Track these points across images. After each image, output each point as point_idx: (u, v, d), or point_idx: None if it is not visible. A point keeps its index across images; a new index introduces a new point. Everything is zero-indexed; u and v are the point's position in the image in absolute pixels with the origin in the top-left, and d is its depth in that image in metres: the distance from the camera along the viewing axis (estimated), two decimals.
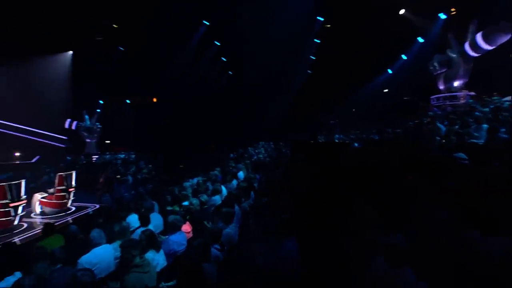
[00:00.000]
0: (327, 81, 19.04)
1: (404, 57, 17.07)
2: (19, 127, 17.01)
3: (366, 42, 15.64)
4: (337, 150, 6.05)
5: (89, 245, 3.87)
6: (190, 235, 4.22)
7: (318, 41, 18.69)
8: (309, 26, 17.91)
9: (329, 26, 18.52)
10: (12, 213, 6.61)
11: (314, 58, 20.11)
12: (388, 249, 2.12)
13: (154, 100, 19.13)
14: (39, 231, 6.64)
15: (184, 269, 2.73)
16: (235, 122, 20.75)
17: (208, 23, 16.98)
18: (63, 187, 8.08)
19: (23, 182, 6.96)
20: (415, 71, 15.02)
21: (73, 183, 8.46)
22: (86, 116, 18.19)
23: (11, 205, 6.55)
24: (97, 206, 8.84)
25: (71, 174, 8.40)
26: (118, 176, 10.37)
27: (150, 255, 3.23)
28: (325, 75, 18.99)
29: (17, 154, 16.18)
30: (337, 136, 17.85)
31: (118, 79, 17.08)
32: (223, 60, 20.04)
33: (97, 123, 18.36)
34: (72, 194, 8.45)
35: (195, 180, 7.41)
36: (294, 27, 15.67)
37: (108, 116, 18.86)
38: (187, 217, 4.66)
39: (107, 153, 17.67)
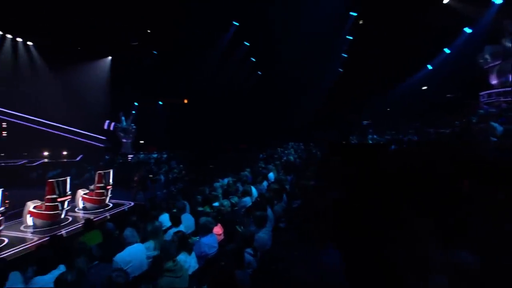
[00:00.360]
0: (359, 79, 18.20)
1: (447, 50, 15.73)
2: (67, 128, 18.41)
3: (402, 37, 14.65)
4: (375, 151, 5.62)
5: (122, 243, 3.93)
6: (222, 237, 4.11)
7: (351, 38, 17.93)
8: (341, 23, 17.25)
9: (362, 22, 17.70)
10: (60, 207, 7.06)
11: (346, 55, 19.35)
12: (453, 268, 1.80)
13: (185, 101, 19.66)
14: (81, 225, 7.03)
15: (216, 275, 2.60)
16: (264, 122, 20.63)
17: (237, 24, 17.03)
18: (102, 185, 8.48)
19: (68, 179, 7.41)
20: (460, 65, 13.69)
21: (111, 181, 8.85)
22: (123, 118, 19.17)
23: (59, 200, 7.02)
24: (132, 203, 9.18)
25: (109, 173, 8.80)
26: (151, 176, 10.71)
27: (181, 257, 3.16)
28: (357, 73, 18.16)
29: (64, 152, 17.50)
30: (370, 136, 16.97)
31: (152, 81, 17.78)
32: (252, 60, 20.04)
33: (132, 124, 19.28)
34: (109, 192, 8.84)
35: (225, 181, 7.35)
36: (325, 24, 15.14)
37: (142, 117, 19.71)
38: (218, 218, 4.57)
39: (141, 152, 18.44)
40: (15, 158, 16.14)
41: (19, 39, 16.40)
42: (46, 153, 16.97)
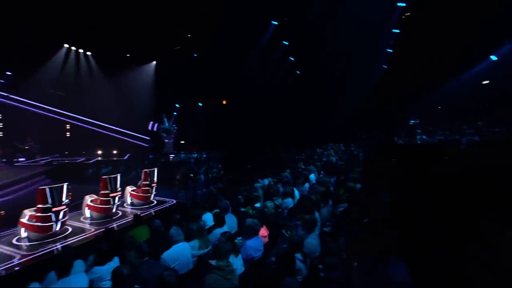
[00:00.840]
0: (406, 76, 16.87)
1: None
2: (116, 129, 19.92)
3: (458, 27, 13.17)
4: (435, 153, 5.05)
5: (168, 241, 3.99)
6: (266, 239, 3.97)
7: (397, 31, 16.70)
8: (387, 15, 16.16)
9: (409, 14, 16.38)
10: (111, 202, 7.53)
11: (391, 50, 18.10)
12: None
13: (224, 102, 20.02)
14: (130, 219, 7.47)
15: (264, 280, 2.45)
16: (303, 123, 20.19)
17: (276, 23, 16.88)
18: (147, 182, 8.88)
19: (118, 176, 7.88)
20: None
21: (155, 179, 9.24)
22: (165, 119, 20.14)
23: (111, 195, 7.48)
24: (174, 201, 9.50)
25: (153, 171, 9.19)
26: (192, 175, 11.01)
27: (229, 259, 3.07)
28: (404, 69, 16.85)
29: (115, 151, 18.92)
30: (419, 137, 15.62)
31: (192, 83, 18.40)
32: (291, 60, 19.74)
33: (174, 125, 20.15)
34: (154, 189, 9.24)
35: (265, 181, 7.22)
36: (369, 17, 14.28)
37: (183, 119, 20.52)
38: (262, 219, 4.43)
39: (182, 152, 19.15)
40: (76, 156, 17.95)
41: (80, 50, 18.21)
42: (99, 152, 18.50)
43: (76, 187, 8.05)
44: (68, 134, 20.82)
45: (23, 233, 6.02)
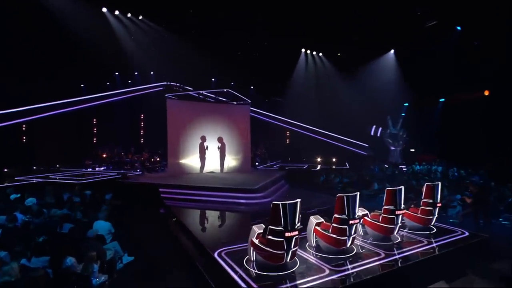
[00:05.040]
0: None
1: None
2: (333, 135, 19.38)
3: None
4: None
5: None
6: None
7: None
8: None
9: None
10: (395, 222, 5.58)
11: None
12: None
13: (486, 93, 14.11)
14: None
15: None
16: None
17: None
18: (431, 201, 6.28)
19: (402, 189, 5.83)
20: None
21: (438, 196, 6.47)
22: (390, 122, 17.27)
23: (397, 212, 5.53)
24: (466, 233, 6.23)
25: (437, 185, 6.46)
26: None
27: None
28: None
29: (334, 159, 18.26)
30: None
31: (434, 74, 14.05)
32: None
33: (403, 129, 16.78)
34: (437, 211, 6.48)
35: None
36: None
37: (414, 120, 16.62)
38: None
39: (417, 163, 15.19)
40: (298, 162, 18.72)
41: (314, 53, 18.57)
42: (319, 159, 18.41)
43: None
44: (288, 140, 22.79)
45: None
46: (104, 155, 16.42)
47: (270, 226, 4.33)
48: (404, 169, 14.47)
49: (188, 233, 6.78)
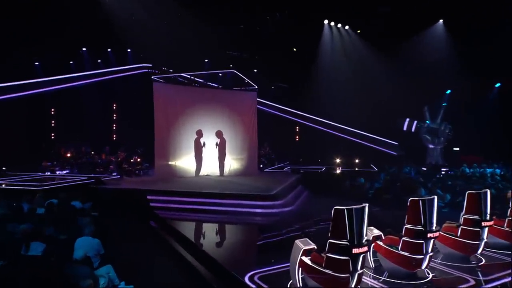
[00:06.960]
0: None
1: None
2: (356, 132, 19.30)
3: None
4: None
5: None
6: None
7: None
8: None
9: None
10: (479, 237, 5.25)
11: None
12: None
13: None
14: None
15: None
16: None
17: None
18: None
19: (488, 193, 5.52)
20: None
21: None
22: (428, 114, 17.22)
23: (483, 224, 5.20)
24: None
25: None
26: None
27: None
28: None
29: (356, 160, 18.05)
30: None
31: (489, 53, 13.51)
32: None
33: (445, 123, 16.68)
34: None
35: None
36: None
37: (460, 113, 16.48)
38: None
39: (465, 165, 14.92)
40: (311, 163, 18.39)
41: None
42: (338, 160, 18.12)
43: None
44: (297, 137, 22.43)
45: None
46: (69, 155, 15.66)
47: (330, 240, 3.94)
48: (449, 172, 14.25)
49: (197, 252, 6.36)
